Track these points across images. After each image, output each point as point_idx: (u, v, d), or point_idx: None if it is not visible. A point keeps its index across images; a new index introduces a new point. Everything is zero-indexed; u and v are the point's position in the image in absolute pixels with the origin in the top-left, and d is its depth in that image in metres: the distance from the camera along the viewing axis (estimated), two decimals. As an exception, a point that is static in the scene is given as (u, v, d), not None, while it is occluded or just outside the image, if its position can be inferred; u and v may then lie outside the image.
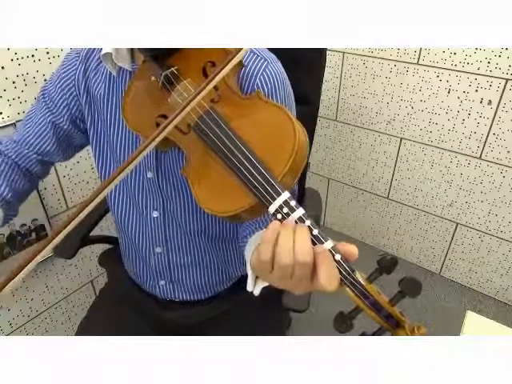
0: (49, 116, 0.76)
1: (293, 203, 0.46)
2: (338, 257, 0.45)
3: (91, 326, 0.91)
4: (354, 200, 2.08)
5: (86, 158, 1.31)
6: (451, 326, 1.64)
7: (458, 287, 1.87)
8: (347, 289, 0.45)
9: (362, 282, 0.45)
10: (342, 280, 0.45)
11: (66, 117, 0.76)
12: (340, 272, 0.45)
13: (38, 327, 1.37)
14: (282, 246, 0.44)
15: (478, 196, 1.68)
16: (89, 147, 0.81)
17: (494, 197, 1.64)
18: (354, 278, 0.45)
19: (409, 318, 0.47)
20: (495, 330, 0.76)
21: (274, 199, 0.46)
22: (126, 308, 0.90)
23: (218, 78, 0.52)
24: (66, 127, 0.77)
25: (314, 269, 0.44)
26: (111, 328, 0.87)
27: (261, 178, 0.47)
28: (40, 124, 0.76)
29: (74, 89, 0.75)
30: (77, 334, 0.90)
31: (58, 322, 1.43)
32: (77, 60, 0.74)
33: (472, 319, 0.77)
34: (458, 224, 1.78)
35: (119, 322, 0.89)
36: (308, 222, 0.46)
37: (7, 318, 1.26)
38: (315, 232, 0.45)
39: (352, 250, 0.46)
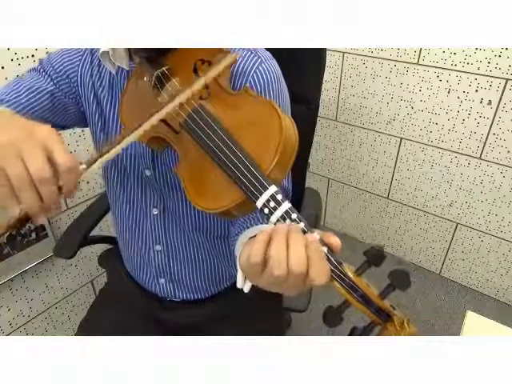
0: (50, 87, 0.71)
1: (279, 197, 0.46)
2: (324, 250, 0.45)
3: (91, 325, 0.91)
4: (354, 200, 2.08)
5: (86, 157, 1.31)
6: (451, 326, 1.64)
7: (458, 287, 1.87)
8: (335, 282, 0.45)
9: (350, 274, 0.45)
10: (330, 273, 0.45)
11: (63, 92, 0.72)
12: None
13: (38, 327, 1.37)
14: (274, 255, 0.42)
15: (478, 196, 1.67)
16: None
17: (494, 197, 1.64)
18: (341, 271, 0.45)
19: (405, 314, 0.47)
20: (495, 329, 0.76)
21: (261, 193, 0.46)
22: (126, 308, 0.90)
23: (200, 84, 0.53)
24: (65, 99, 0.73)
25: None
26: (111, 328, 0.87)
27: (247, 173, 0.47)
28: (38, 89, 0.70)
29: (75, 73, 0.72)
30: (77, 334, 0.90)
31: (58, 321, 1.43)
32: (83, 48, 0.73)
33: (472, 319, 0.77)
34: (457, 224, 1.78)
35: (119, 322, 0.89)
36: (294, 216, 0.46)
37: (7, 317, 1.26)
38: (301, 225, 0.45)
39: (335, 241, 0.45)
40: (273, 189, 0.46)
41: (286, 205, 0.46)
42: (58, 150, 0.44)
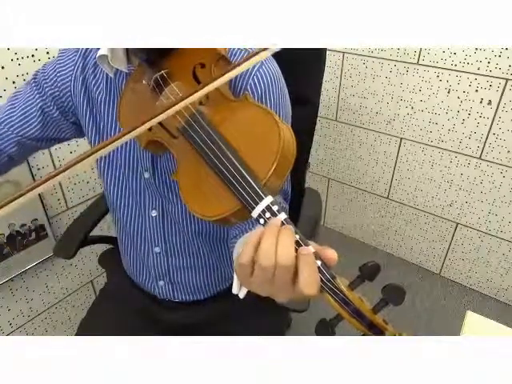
0: (39, 103, 0.74)
1: (275, 208, 0.46)
2: (318, 263, 0.44)
3: (91, 326, 0.91)
4: (354, 200, 2.08)
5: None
6: (451, 326, 1.64)
7: (457, 287, 1.87)
8: (328, 295, 0.44)
9: (344, 288, 0.44)
10: (322, 287, 0.44)
11: (54, 107, 0.75)
12: (320, 279, 0.44)
13: (38, 327, 1.37)
14: (263, 247, 0.43)
15: (478, 196, 1.68)
16: (86, 147, 0.81)
17: (493, 197, 1.64)
18: (334, 285, 0.44)
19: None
20: (495, 329, 0.76)
21: (257, 204, 0.46)
22: (126, 308, 0.90)
23: (204, 92, 0.51)
24: (55, 116, 0.76)
25: (295, 272, 0.43)
26: (111, 328, 0.87)
27: (243, 182, 0.47)
28: (27, 107, 0.74)
29: (69, 84, 0.74)
30: (77, 334, 0.90)
31: (58, 321, 1.43)
32: (75, 55, 0.74)
33: (472, 319, 0.77)
34: (457, 224, 1.78)
35: (119, 322, 0.89)
36: (289, 227, 0.45)
37: (7, 318, 1.26)
38: (296, 237, 0.45)
39: (331, 255, 0.45)
40: (268, 199, 0.46)
41: (282, 216, 0.46)
42: None
